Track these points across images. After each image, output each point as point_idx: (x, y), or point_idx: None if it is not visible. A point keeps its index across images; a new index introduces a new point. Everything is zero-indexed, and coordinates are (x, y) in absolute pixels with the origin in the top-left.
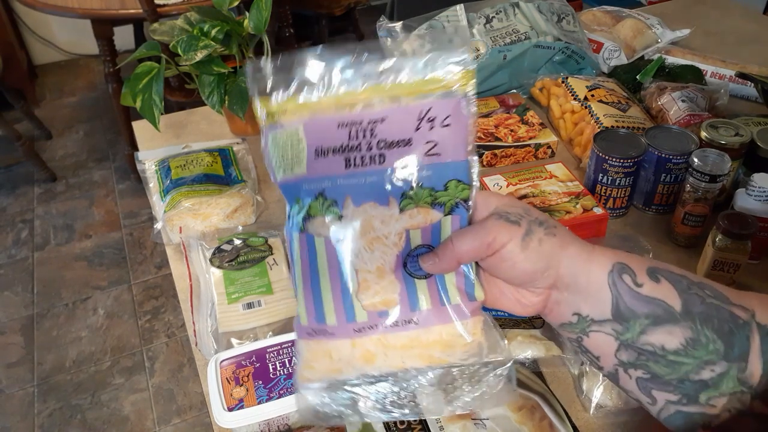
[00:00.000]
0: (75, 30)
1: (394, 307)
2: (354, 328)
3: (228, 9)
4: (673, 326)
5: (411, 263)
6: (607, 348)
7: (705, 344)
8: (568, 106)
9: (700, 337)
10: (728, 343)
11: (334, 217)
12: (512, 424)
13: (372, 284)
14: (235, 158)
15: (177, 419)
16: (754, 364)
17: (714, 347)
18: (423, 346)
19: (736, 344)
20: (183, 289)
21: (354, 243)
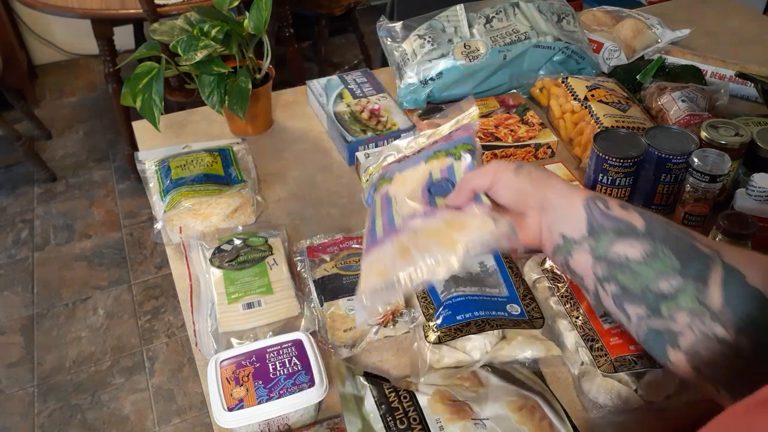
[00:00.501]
0: (75, 30)
1: (420, 210)
2: (394, 231)
3: (228, 9)
4: (635, 240)
5: (433, 188)
6: (586, 265)
7: (662, 259)
8: (568, 106)
9: (658, 252)
10: (684, 263)
11: (386, 182)
12: (512, 424)
13: (406, 202)
14: (235, 158)
15: (177, 419)
16: (714, 291)
17: (670, 263)
18: (444, 233)
19: (692, 266)
20: (183, 289)
21: (395, 186)
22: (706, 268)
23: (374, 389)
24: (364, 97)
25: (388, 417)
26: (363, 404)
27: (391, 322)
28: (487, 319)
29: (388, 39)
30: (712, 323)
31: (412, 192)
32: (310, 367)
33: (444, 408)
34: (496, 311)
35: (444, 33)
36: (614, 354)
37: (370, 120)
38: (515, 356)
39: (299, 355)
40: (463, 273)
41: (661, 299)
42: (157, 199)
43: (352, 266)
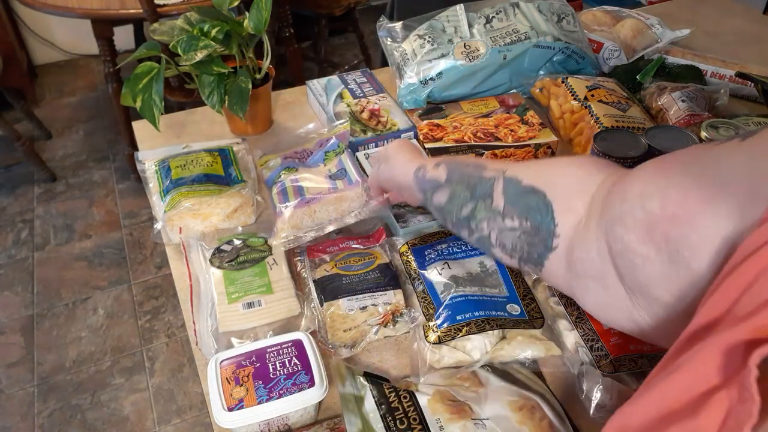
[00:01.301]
0: (75, 30)
1: (326, 190)
2: (305, 201)
3: (228, 9)
4: (441, 190)
5: (332, 176)
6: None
7: (458, 194)
8: (568, 106)
9: (455, 191)
10: (472, 190)
11: (293, 171)
12: (512, 424)
13: (314, 186)
14: (235, 158)
15: (177, 419)
16: (497, 198)
17: (464, 195)
18: (338, 202)
19: (478, 189)
20: (183, 289)
21: (302, 175)
22: (489, 186)
23: (374, 389)
24: (364, 97)
25: (388, 417)
26: (363, 404)
27: (391, 322)
28: (487, 319)
29: (388, 39)
30: (502, 220)
31: (318, 179)
32: (310, 367)
33: (444, 408)
34: (496, 311)
35: (444, 33)
36: (614, 354)
37: (370, 120)
38: (515, 356)
39: (299, 355)
40: (463, 273)
41: (468, 220)
42: (157, 199)
43: (352, 266)
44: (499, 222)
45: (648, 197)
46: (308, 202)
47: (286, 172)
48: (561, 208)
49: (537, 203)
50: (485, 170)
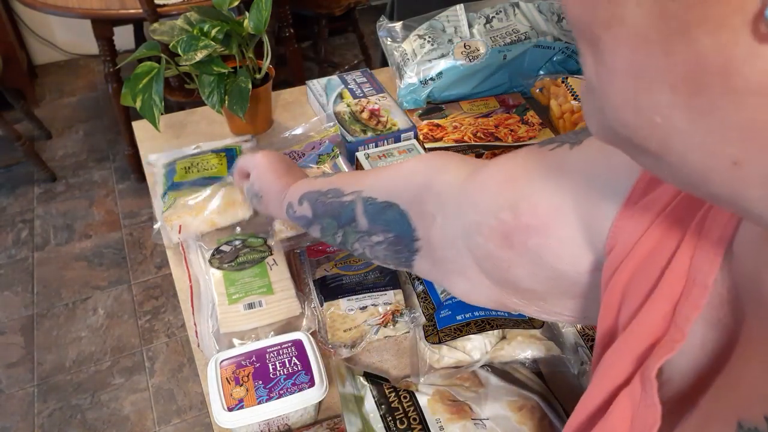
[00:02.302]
0: (75, 30)
1: None
2: None
3: (228, 9)
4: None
5: None
6: None
7: (327, 226)
8: (568, 106)
9: (324, 224)
10: (338, 219)
11: None
12: (512, 424)
13: None
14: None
15: (177, 419)
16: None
17: (332, 224)
18: None
19: (342, 216)
20: (183, 290)
21: None
22: (351, 211)
23: (374, 389)
24: (364, 97)
25: (388, 417)
26: (363, 404)
27: (391, 322)
28: (487, 319)
29: (388, 39)
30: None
31: None
32: (310, 367)
33: (444, 408)
34: (496, 311)
35: (444, 33)
36: None
37: (370, 120)
38: (515, 356)
39: (299, 355)
40: None
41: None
42: (157, 201)
43: (352, 266)
44: (366, 240)
45: (500, 209)
46: None
47: None
48: (415, 213)
49: (394, 216)
50: (344, 195)
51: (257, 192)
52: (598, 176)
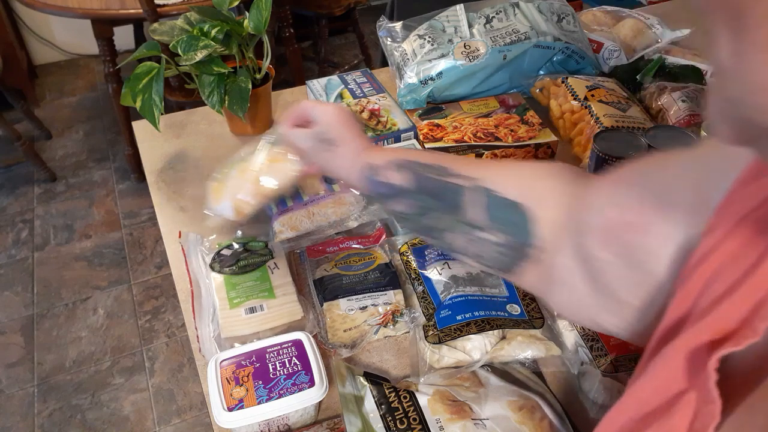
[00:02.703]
0: (75, 30)
1: (322, 192)
2: (302, 203)
3: (228, 9)
4: (399, 198)
5: (326, 179)
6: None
7: (423, 203)
8: (568, 106)
9: (419, 200)
10: (439, 199)
11: None
12: (512, 424)
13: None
14: None
15: (177, 419)
16: (475, 211)
17: (428, 203)
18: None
19: (446, 198)
20: (183, 290)
21: None
22: (459, 196)
23: (374, 389)
24: (364, 97)
25: (388, 417)
26: (363, 404)
27: (391, 322)
28: (487, 319)
29: (388, 39)
30: (480, 234)
31: (313, 182)
32: (310, 367)
33: (444, 408)
34: (496, 311)
35: (444, 33)
36: (614, 354)
37: (370, 120)
38: (515, 356)
39: (299, 355)
40: (463, 273)
41: (431, 229)
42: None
43: (352, 266)
44: (474, 233)
45: (608, 206)
46: (306, 204)
47: None
48: (536, 218)
49: (513, 216)
50: (452, 176)
51: (332, 138)
52: (705, 183)
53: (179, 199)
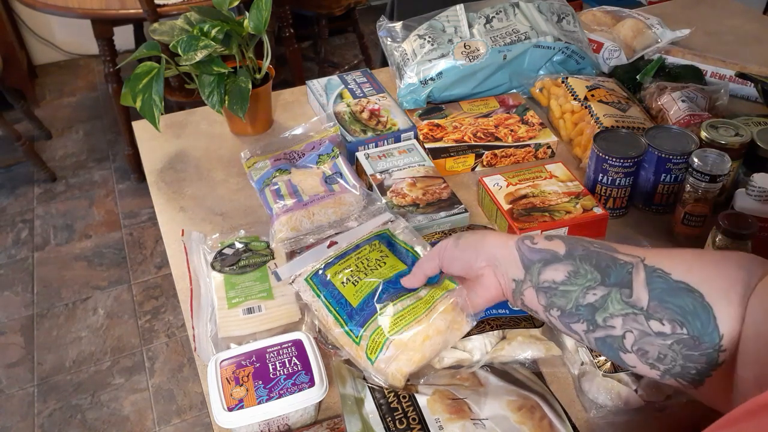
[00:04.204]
0: (75, 30)
1: (322, 192)
2: (302, 203)
3: (228, 9)
4: (558, 264)
5: (328, 179)
6: (533, 298)
7: (583, 274)
8: (568, 106)
9: (579, 270)
10: (604, 273)
11: (285, 173)
12: (512, 424)
13: (311, 187)
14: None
15: (177, 419)
16: (639, 291)
17: (591, 276)
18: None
19: (613, 274)
20: (183, 290)
21: (296, 177)
22: (627, 274)
23: (374, 390)
24: (364, 97)
25: (388, 417)
26: (363, 405)
27: None
28: (487, 319)
29: (388, 39)
30: (646, 321)
31: (313, 181)
32: (310, 368)
33: (443, 408)
34: (497, 309)
35: (444, 33)
36: None
37: (370, 120)
38: (515, 356)
39: (299, 356)
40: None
41: (593, 310)
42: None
43: None
44: (641, 322)
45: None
46: (306, 205)
47: (279, 174)
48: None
49: (694, 306)
50: (616, 252)
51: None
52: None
53: (179, 199)
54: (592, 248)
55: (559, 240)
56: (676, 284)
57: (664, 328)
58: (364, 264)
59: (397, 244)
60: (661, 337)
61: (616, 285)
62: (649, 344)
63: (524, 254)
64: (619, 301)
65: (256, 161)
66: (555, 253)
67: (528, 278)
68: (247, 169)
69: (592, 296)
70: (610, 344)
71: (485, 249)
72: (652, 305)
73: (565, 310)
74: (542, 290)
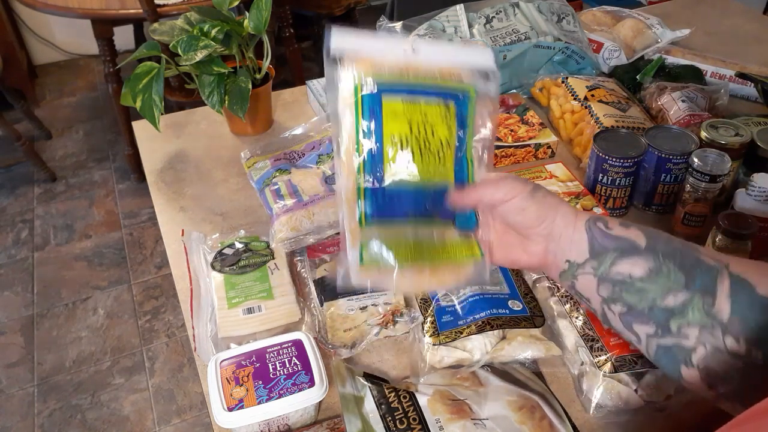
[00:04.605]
0: (75, 30)
1: (322, 193)
2: (302, 203)
3: (228, 9)
4: (638, 258)
5: (329, 179)
6: (591, 286)
7: (666, 274)
8: (568, 106)
9: (662, 268)
10: (689, 275)
11: (285, 173)
12: (512, 424)
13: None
14: None
15: (177, 419)
16: (722, 301)
17: (675, 277)
18: None
19: (698, 278)
20: (183, 290)
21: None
22: (712, 280)
23: (374, 389)
24: None
25: (388, 417)
26: (363, 404)
27: (391, 322)
28: (487, 319)
29: None
30: (723, 336)
31: (313, 181)
32: (310, 367)
33: (444, 408)
34: (497, 308)
35: (444, 33)
36: (614, 354)
37: None
38: (515, 356)
39: (299, 355)
40: None
41: (669, 315)
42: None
43: None
44: (717, 337)
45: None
46: (306, 205)
47: (279, 174)
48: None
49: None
50: (700, 253)
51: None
52: None
53: (179, 199)
54: (675, 244)
55: (637, 229)
56: (760, 299)
57: (739, 348)
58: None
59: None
60: (733, 357)
61: (700, 291)
62: (718, 362)
63: (596, 238)
64: (701, 310)
65: (256, 161)
66: (634, 244)
67: (591, 265)
68: (247, 169)
69: (672, 299)
70: (674, 355)
71: (555, 220)
72: (732, 319)
73: (635, 308)
74: (609, 282)
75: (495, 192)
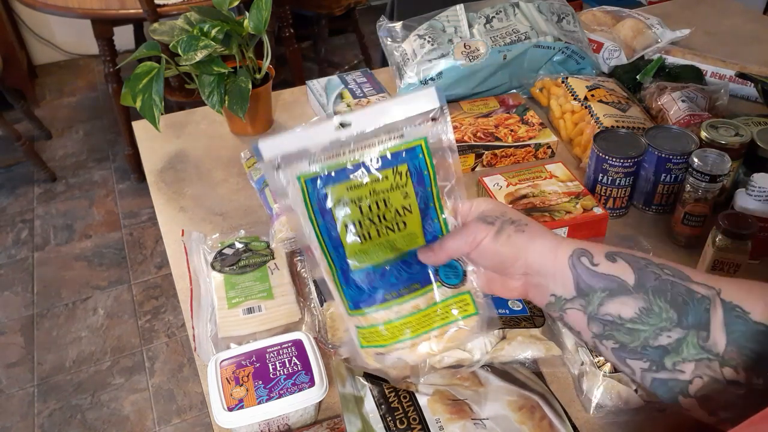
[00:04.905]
0: (75, 30)
1: None
2: None
3: (228, 9)
4: (627, 297)
5: None
6: (581, 322)
7: (658, 313)
8: (568, 106)
9: (653, 307)
10: (681, 312)
11: None
12: (512, 424)
13: None
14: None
15: (177, 419)
16: (716, 334)
17: (667, 315)
18: None
19: (690, 313)
20: (183, 290)
21: None
22: (705, 312)
23: (374, 389)
24: (364, 97)
25: (388, 417)
26: (363, 404)
27: None
28: None
29: (388, 39)
30: (720, 367)
31: None
32: (310, 367)
33: (444, 408)
34: (497, 308)
35: (444, 33)
36: None
37: None
38: (515, 356)
39: (299, 355)
40: None
41: (663, 353)
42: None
43: None
44: (714, 369)
45: None
46: None
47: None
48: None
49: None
50: (691, 282)
51: (518, 219)
52: None
53: (179, 199)
54: (664, 276)
55: (624, 262)
56: (755, 327)
57: (738, 377)
58: (380, 208)
59: (428, 190)
60: (733, 386)
61: (694, 327)
62: (717, 392)
63: (581, 277)
64: (695, 345)
65: (256, 161)
66: (622, 284)
67: (580, 303)
68: (247, 169)
69: (666, 338)
70: (670, 387)
71: (528, 257)
72: (728, 350)
73: (628, 347)
74: (599, 321)
75: (459, 244)
